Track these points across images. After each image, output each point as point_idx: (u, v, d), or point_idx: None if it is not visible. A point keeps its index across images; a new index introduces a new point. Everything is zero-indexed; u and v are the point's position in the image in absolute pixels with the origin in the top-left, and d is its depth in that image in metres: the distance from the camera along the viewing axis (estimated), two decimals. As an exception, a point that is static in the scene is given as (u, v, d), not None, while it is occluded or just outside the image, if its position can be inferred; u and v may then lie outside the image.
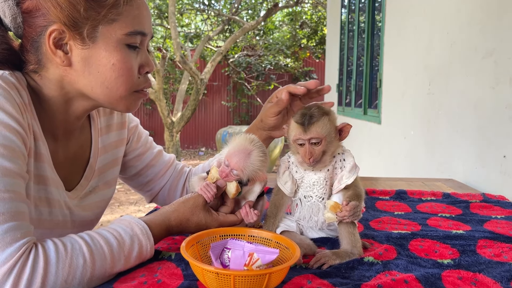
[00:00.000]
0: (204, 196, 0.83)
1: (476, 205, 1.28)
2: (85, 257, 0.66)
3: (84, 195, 0.91)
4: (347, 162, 0.88)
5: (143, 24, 0.78)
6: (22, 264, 0.61)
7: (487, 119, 1.78)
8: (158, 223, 0.79)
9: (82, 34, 0.73)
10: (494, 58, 1.73)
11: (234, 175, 0.83)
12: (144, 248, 0.75)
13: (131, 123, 1.05)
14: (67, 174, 0.86)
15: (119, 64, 0.76)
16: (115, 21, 0.75)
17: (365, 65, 4.33)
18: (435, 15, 2.45)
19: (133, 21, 0.76)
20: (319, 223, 0.89)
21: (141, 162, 1.08)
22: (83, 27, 0.73)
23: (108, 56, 0.75)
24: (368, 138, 4.07)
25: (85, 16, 0.72)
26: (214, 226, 0.84)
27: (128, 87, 0.79)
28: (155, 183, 1.11)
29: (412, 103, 2.83)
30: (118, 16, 0.75)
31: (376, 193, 1.43)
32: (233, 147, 0.84)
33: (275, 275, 0.63)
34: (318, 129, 0.82)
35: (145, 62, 0.82)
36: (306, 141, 0.83)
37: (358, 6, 4.82)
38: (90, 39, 0.74)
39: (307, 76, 10.49)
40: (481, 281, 0.72)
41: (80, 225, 0.90)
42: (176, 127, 7.36)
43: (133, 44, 0.78)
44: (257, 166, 0.83)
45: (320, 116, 0.83)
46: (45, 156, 0.78)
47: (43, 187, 0.78)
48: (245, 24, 8.45)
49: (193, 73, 6.87)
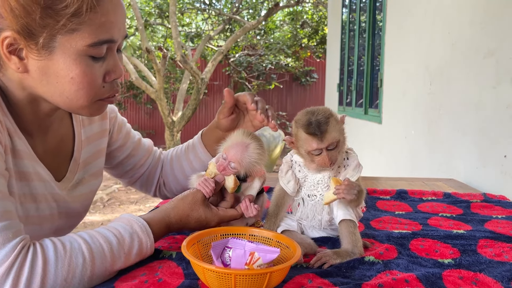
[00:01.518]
0: (203, 191, 0.83)
1: (477, 205, 1.28)
2: (85, 256, 0.66)
3: (72, 187, 0.90)
4: (350, 160, 0.88)
5: (111, 31, 0.70)
6: (20, 264, 0.61)
7: (488, 119, 1.78)
8: (157, 221, 0.79)
9: (37, 43, 0.66)
10: (496, 58, 1.73)
11: (232, 169, 0.84)
12: (144, 245, 0.75)
13: (111, 113, 1.03)
14: (51, 167, 0.84)
15: (78, 78, 0.70)
16: (76, 31, 0.67)
17: (366, 65, 4.32)
18: (436, 15, 2.45)
19: (97, 30, 0.68)
20: (323, 221, 0.89)
21: (123, 152, 1.07)
22: (39, 35, 0.66)
23: (66, 69, 0.69)
24: (369, 137, 4.07)
25: (42, 24, 0.65)
26: (214, 221, 0.83)
27: (89, 99, 0.74)
28: (135, 171, 1.11)
29: (413, 103, 2.83)
30: (79, 25, 0.66)
31: (377, 193, 1.43)
32: (231, 141, 0.85)
33: (276, 274, 0.63)
34: (332, 134, 0.81)
35: (112, 69, 0.75)
36: (324, 149, 0.81)
37: (359, 5, 4.82)
38: (46, 50, 0.67)
39: (308, 75, 10.49)
40: (481, 280, 0.72)
41: (68, 216, 0.89)
42: (177, 127, 7.35)
43: (97, 55, 0.71)
44: (254, 158, 0.83)
45: (328, 120, 0.81)
46: (25, 152, 0.76)
47: (26, 183, 0.77)
48: (246, 23, 8.45)
49: (194, 72, 6.86)
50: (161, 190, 1.16)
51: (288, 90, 10.57)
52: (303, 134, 0.82)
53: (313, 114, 0.81)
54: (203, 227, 0.83)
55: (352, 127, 4.71)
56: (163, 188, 1.16)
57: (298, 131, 0.83)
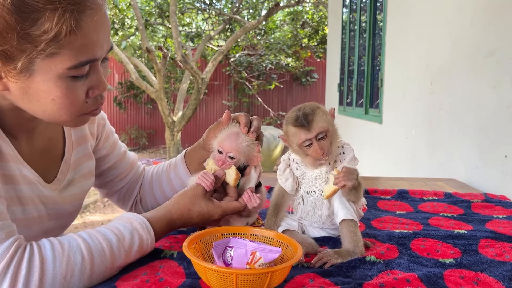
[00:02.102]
0: (203, 184, 0.83)
1: (478, 204, 1.28)
2: (83, 254, 0.66)
3: (62, 188, 0.89)
4: (346, 154, 0.88)
5: (93, 51, 0.67)
6: (17, 263, 0.61)
7: (488, 118, 1.78)
8: (158, 218, 0.79)
9: (16, 68, 0.63)
10: (496, 58, 1.73)
11: (230, 160, 0.84)
12: (145, 242, 0.74)
13: (100, 119, 1.01)
14: (39, 169, 0.83)
15: (59, 100, 0.68)
16: (56, 55, 0.64)
17: (366, 65, 4.32)
18: (437, 15, 2.45)
19: (78, 52, 0.65)
20: (323, 217, 0.89)
21: (106, 162, 1.05)
22: (17, 60, 0.62)
23: (47, 91, 0.67)
24: (370, 137, 4.07)
25: (19, 49, 0.62)
26: (218, 213, 0.83)
27: (72, 115, 0.72)
28: (115, 183, 1.09)
29: (413, 103, 2.83)
30: (59, 49, 0.63)
31: (378, 193, 1.43)
32: (221, 135, 0.86)
33: (277, 273, 0.63)
34: (319, 123, 0.82)
35: (95, 85, 0.72)
36: (313, 139, 0.82)
37: (360, 5, 4.82)
38: (26, 73, 0.64)
39: (308, 75, 10.49)
40: (483, 280, 0.72)
41: (58, 217, 0.88)
42: (177, 127, 7.35)
43: (79, 75, 0.68)
44: (249, 143, 0.84)
45: (314, 111, 0.83)
46: (10, 155, 0.75)
47: (12, 187, 0.76)
48: (246, 23, 8.44)
49: (194, 72, 6.86)
50: (137, 206, 1.13)
51: (289, 90, 10.57)
52: (292, 128, 0.84)
53: (299, 110, 0.84)
54: (206, 220, 0.82)
55: (353, 127, 4.71)
56: (139, 205, 1.13)
57: (287, 127, 0.86)
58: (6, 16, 0.59)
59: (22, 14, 0.60)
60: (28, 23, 0.60)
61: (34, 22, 0.61)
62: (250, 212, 0.90)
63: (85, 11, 0.64)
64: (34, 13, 0.60)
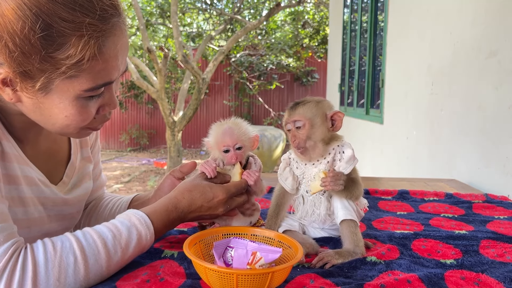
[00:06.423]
0: (205, 171, 0.85)
1: (479, 205, 1.28)
2: (76, 255, 0.66)
3: (68, 191, 0.89)
4: (345, 153, 0.88)
5: (110, 75, 0.69)
6: (12, 267, 0.61)
7: (490, 119, 1.78)
8: (159, 211, 0.78)
9: (34, 86, 0.64)
10: (498, 58, 1.72)
11: (240, 152, 0.86)
12: (144, 237, 0.74)
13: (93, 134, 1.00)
14: (45, 170, 0.83)
15: (72, 117, 0.69)
16: (75, 77, 0.65)
17: (367, 65, 4.32)
18: (438, 15, 2.45)
19: (96, 76, 0.66)
20: (321, 216, 0.89)
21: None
22: (37, 79, 0.63)
23: (62, 108, 0.68)
24: (371, 138, 4.06)
25: (40, 68, 0.62)
26: (222, 192, 0.82)
27: (79, 129, 0.73)
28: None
29: (414, 103, 2.83)
30: (79, 72, 0.64)
31: (379, 193, 1.43)
32: (216, 137, 0.87)
33: (278, 274, 0.63)
34: (301, 111, 0.86)
35: (107, 103, 0.73)
36: (291, 124, 0.86)
37: (361, 6, 4.81)
38: (43, 91, 0.65)
39: (309, 75, 10.49)
40: (484, 281, 0.72)
41: (58, 219, 0.88)
42: (178, 127, 7.35)
43: (94, 95, 0.70)
44: (243, 128, 0.88)
45: (306, 102, 0.86)
46: (14, 155, 0.75)
47: (14, 187, 0.76)
48: (247, 23, 8.44)
49: (195, 72, 6.86)
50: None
51: (290, 90, 10.57)
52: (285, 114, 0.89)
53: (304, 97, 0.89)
54: (211, 201, 0.82)
55: (354, 128, 4.71)
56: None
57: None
58: (32, 39, 0.60)
59: (49, 38, 0.60)
60: (53, 47, 0.61)
61: (60, 46, 0.61)
62: (253, 211, 0.90)
63: (108, 38, 0.65)
64: (61, 38, 0.61)
